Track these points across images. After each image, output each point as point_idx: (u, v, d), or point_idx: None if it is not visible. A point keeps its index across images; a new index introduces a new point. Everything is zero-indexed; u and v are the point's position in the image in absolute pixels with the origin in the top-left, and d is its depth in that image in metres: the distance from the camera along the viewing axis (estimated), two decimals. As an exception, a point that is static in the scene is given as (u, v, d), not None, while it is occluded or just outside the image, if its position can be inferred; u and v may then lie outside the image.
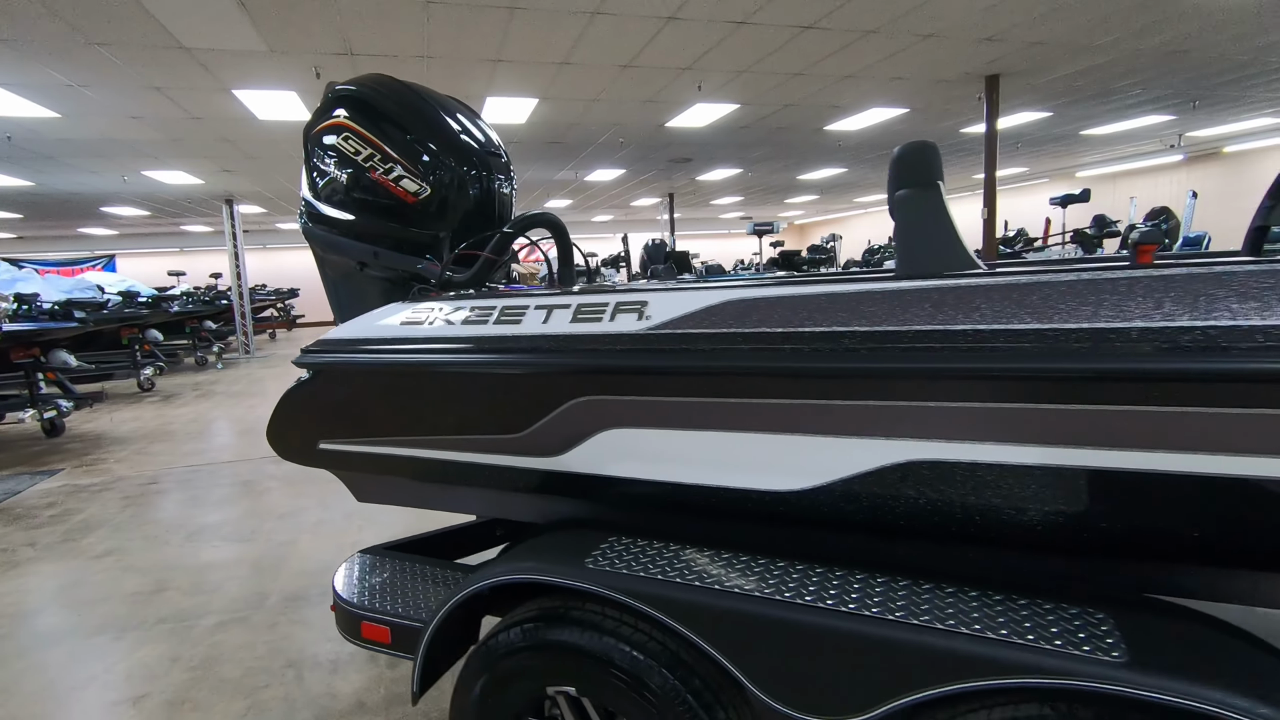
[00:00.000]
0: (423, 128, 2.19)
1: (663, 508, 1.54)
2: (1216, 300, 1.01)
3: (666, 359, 1.33)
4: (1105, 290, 1.09)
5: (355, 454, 1.86)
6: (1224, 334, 0.98)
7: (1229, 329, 0.98)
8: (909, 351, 1.16)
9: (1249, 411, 0.98)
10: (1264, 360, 0.94)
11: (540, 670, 1.39)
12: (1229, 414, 0.99)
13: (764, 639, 1.20)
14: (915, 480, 1.22)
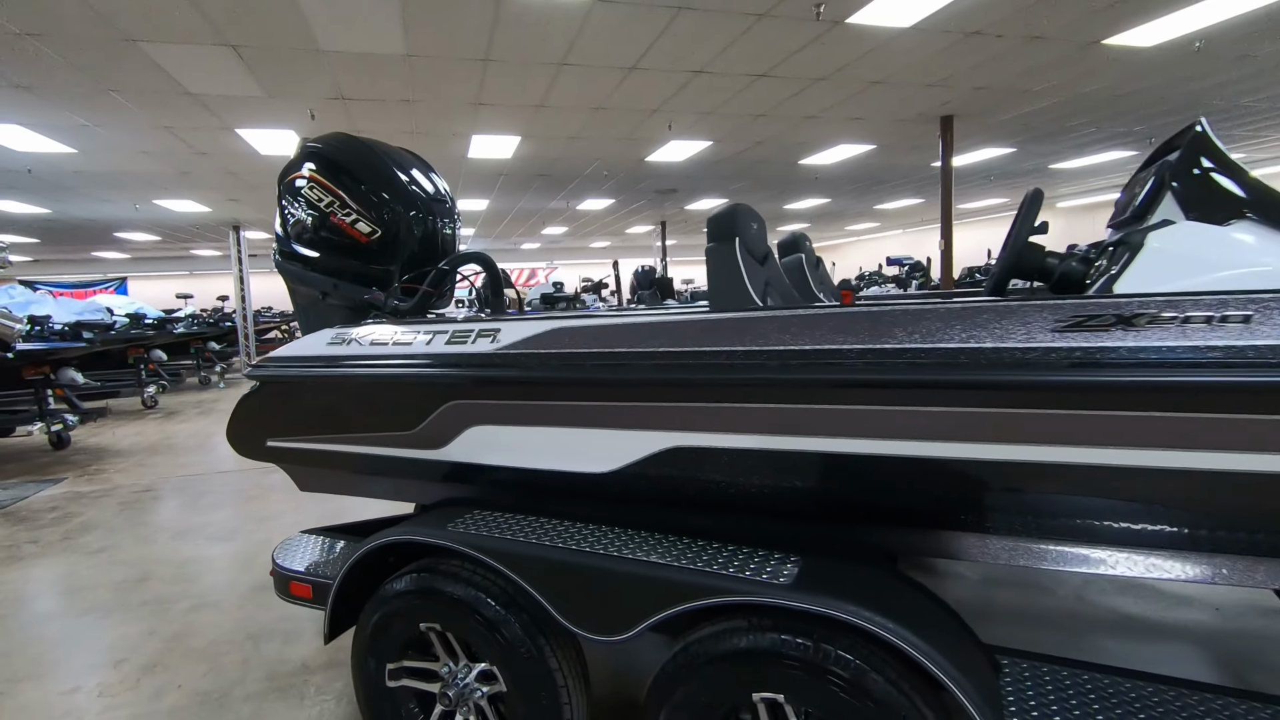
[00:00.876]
0: (375, 179, 2.66)
1: (515, 487, 1.97)
2: (860, 328, 1.44)
3: (508, 371, 1.78)
4: (807, 323, 1.52)
5: (295, 450, 2.30)
6: (875, 352, 1.39)
7: (879, 349, 1.39)
8: (671, 366, 1.60)
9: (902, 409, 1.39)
10: (904, 373, 1.35)
11: (414, 611, 1.81)
12: (888, 410, 1.40)
13: (564, 579, 1.63)
14: (679, 461, 1.65)
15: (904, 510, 1.56)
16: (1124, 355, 1.21)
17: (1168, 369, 1.18)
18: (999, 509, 1.46)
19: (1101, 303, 1.27)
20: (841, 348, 1.43)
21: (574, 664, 1.74)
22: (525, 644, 1.68)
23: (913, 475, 1.45)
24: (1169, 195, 1.58)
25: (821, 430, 1.47)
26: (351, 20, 5.02)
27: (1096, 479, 1.31)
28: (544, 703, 1.69)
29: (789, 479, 1.57)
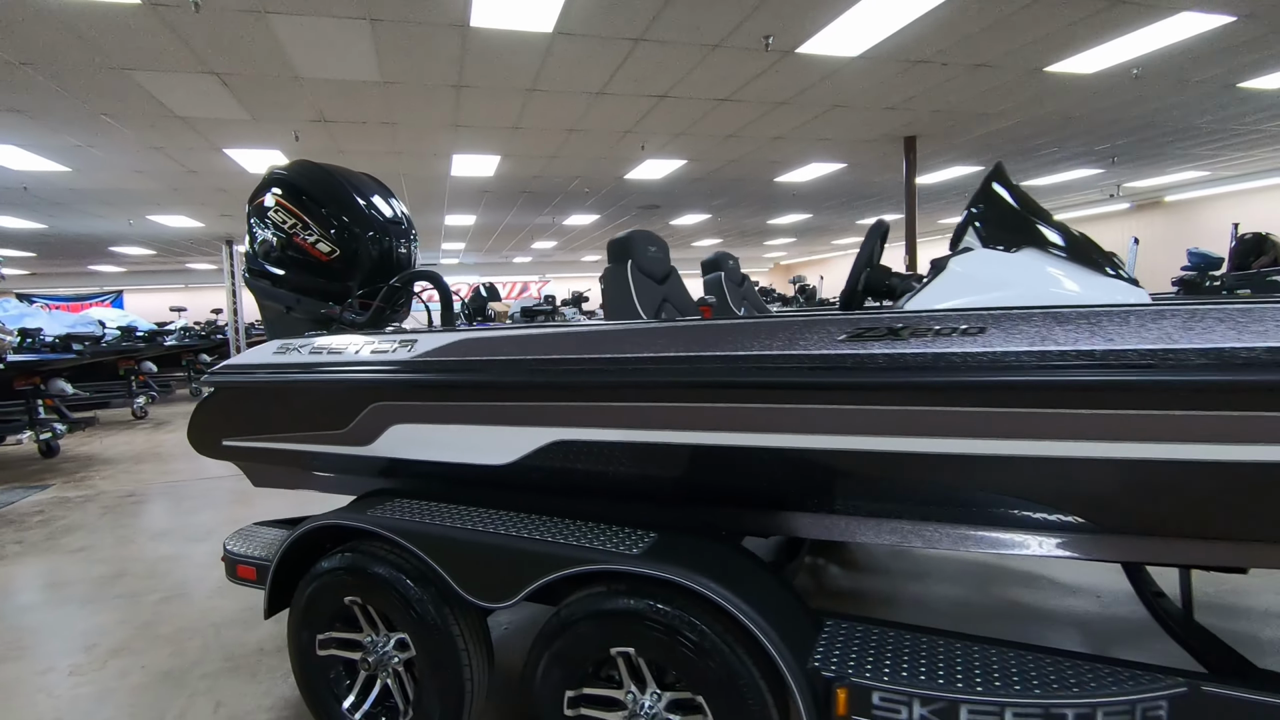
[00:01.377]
0: (335, 203, 2.93)
1: (432, 478, 2.24)
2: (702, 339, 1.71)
3: (420, 376, 2.05)
4: (660, 334, 1.79)
5: (246, 448, 2.57)
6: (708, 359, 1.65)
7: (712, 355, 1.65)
8: (551, 371, 1.87)
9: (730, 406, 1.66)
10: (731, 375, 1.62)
11: (339, 587, 2.07)
12: (720, 407, 1.67)
13: (461, 555, 1.89)
14: (562, 453, 1.91)
15: (741, 493, 1.83)
16: (888, 360, 1.48)
17: (922, 371, 1.46)
18: (816, 491, 1.73)
19: (878, 317, 1.55)
20: (683, 354, 1.70)
21: (476, 633, 1.99)
22: (432, 614, 1.94)
23: (745, 463, 1.72)
24: (971, 227, 1.86)
25: (671, 425, 1.75)
26: (326, 50, 5.33)
27: (882, 463, 1.58)
28: (447, 667, 1.94)
29: (649, 467, 1.84)
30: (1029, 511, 1.59)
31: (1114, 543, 1.60)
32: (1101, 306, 1.42)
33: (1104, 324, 1.39)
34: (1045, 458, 1.45)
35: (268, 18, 4.70)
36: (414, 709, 2.02)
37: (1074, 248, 1.80)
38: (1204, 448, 1.35)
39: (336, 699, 2.14)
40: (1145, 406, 1.36)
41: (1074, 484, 1.49)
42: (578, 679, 1.76)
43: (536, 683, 1.78)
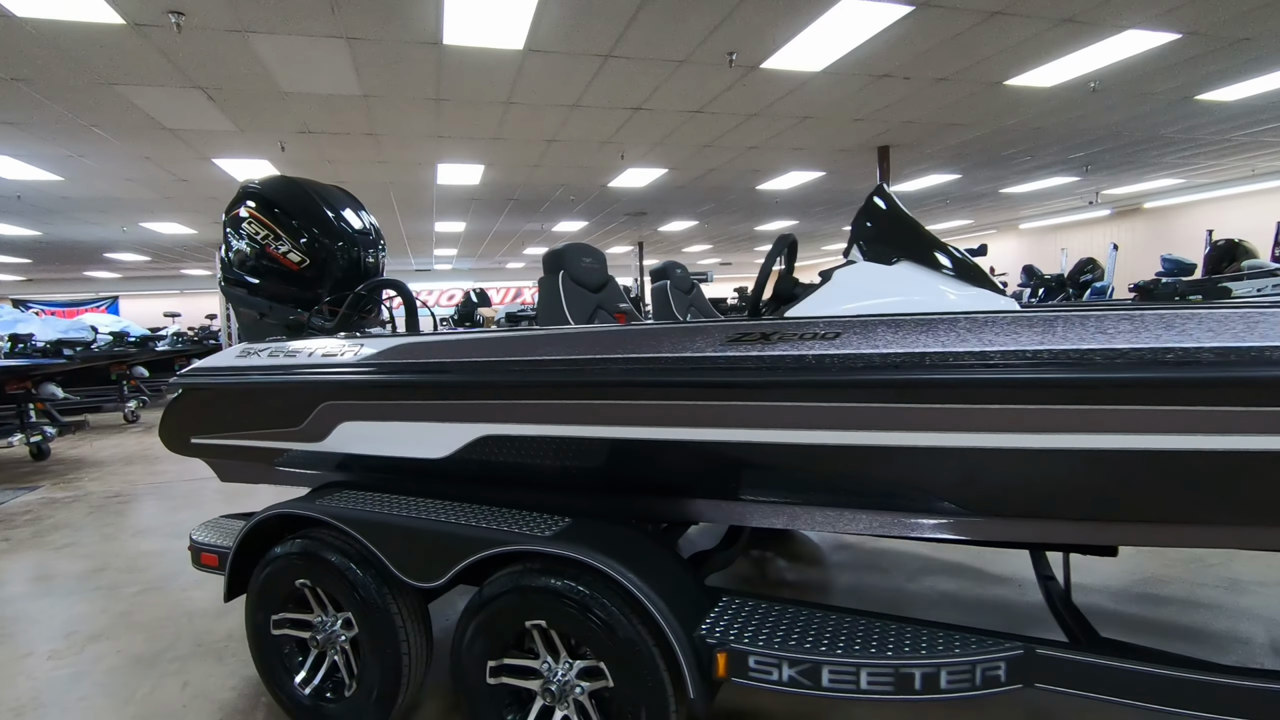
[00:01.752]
0: (305, 216, 3.13)
1: (377, 471, 2.43)
2: (608, 342, 1.91)
3: (364, 377, 2.25)
4: (572, 339, 1.99)
5: (212, 445, 2.76)
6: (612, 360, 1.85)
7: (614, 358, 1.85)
8: (477, 372, 2.06)
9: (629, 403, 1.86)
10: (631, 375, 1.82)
11: (291, 570, 2.26)
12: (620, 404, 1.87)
13: (398, 540, 2.08)
14: (490, 447, 2.11)
15: (644, 481, 2.02)
16: (757, 361, 1.69)
17: (787, 370, 1.66)
18: (708, 479, 1.93)
19: (756, 324, 1.75)
20: (586, 357, 1.90)
21: (415, 613, 2.18)
22: (373, 594, 2.13)
23: (644, 454, 1.92)
24: (855, 243, 2.06)
25: (580, 420, 1.95)
26: (306, 66, 5.54)
27: (759, 453, 1.78)
28: (386, 644, 2.12)
29: (563, 459, 2.04)
30: (893, 496, 1.79)
31: (980, 525, 1.80)
32: (934, 314, 1.62)
33: (937, 329, 1.59)
34: (894, 447, 1.65)
35: (248, 36, 4.91)
36: (357, 682, 2.20)
37: (947, 262, 2.00)
38: (1025, 437, 1.56)
39: (289, 674, 2.33)
40: (977, 402, 1.56)
41: (924, 471, 1.70)
42: (499, 650, 1.95)
43: (463, 655, 1.98)
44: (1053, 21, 5.29)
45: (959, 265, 2.00)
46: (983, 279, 1.99)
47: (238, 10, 4.50)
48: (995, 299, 1.92)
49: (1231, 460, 1.45)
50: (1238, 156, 11.08)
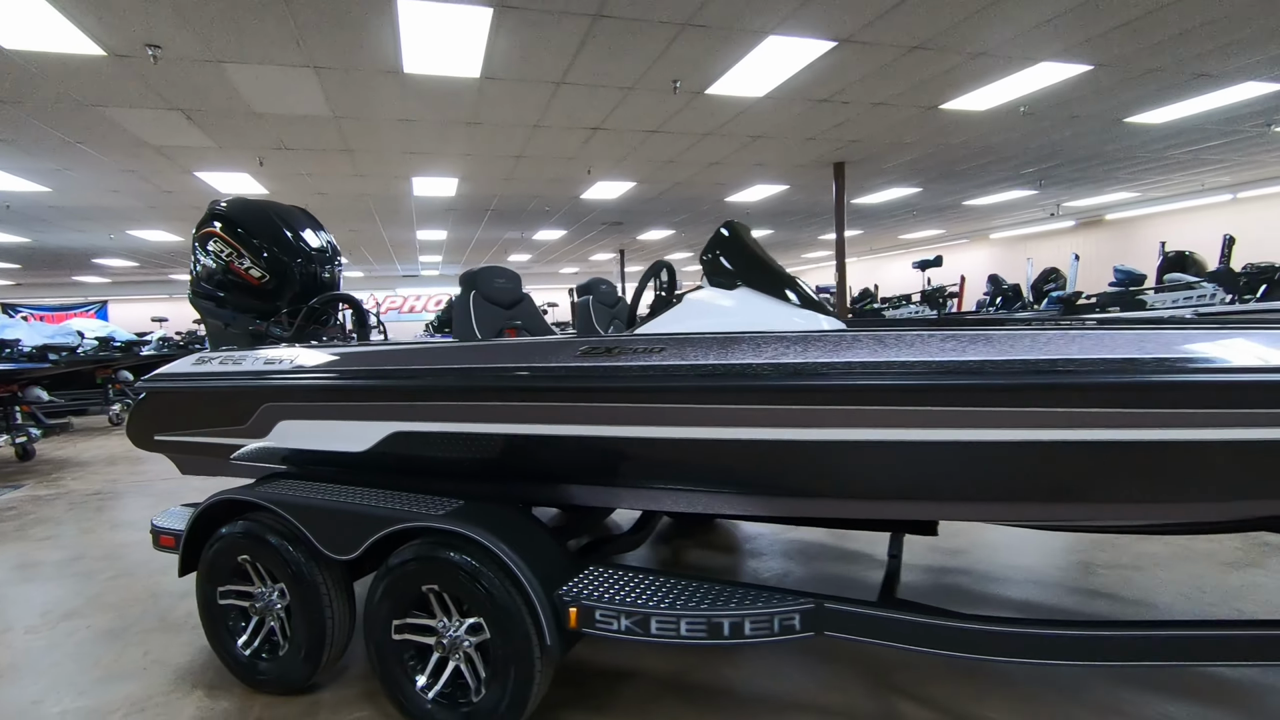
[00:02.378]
0: (266, 234, 3.50)
1: (312, 462, 2.82)
2: (489, 355, 2.31)
3: (300, 382, 2.63)
4: (464, 351, 2.38)
5: (173, 442, 3.13)
6: (491, 369, 2.25)
7: (494, 368, 2.26)
8: (388, 377, 2.45)
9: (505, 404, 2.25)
10: (505, 382, 2.22)
11: (233, 548, 2.63)
12: (498, 405, 2.27)
13: (321, 519, 2.46)
14: (400, 442, 2.50)
15: (523, 469, 2.42)
16: (601, 370, 2.08)
17: (622, 377, 2.06)
18: (568, 468, 2.32)
19: (603, 339, 2.15)
20: (469, 366, 2.30)
21: (339, 584, 2.56)
22: (302, 567, 2.50)
23: (519, 447, 2.31)
24: (703, 270, 2.47)
25: (468, 419, 2.34)
26: (278, 92, 5.93)
27: (602, 445, 2.18)
28: (313, 610, 2.50)
29: (458, 450, 2.43)
30: (705, 479, 2.20)
31: (775, 503, 2.20)
32: (737, 333, 2.03)
33: (740, 345, 2.00)
34: (705, 440, 2.05)
35: (222, 66, 5.30)
36: (290, 643, 2.58)
37: (780, 288, 2.40)
38: (794, 431, 1.96)
39: (233, 637, 2.70)
40: (764, 403, 1.96)
41: (722, 459, 2.10)
42: (402, 610, 2.33)
43: (372, 616, 2.36)
44: (969, 55, 5.73)
45: (796, 292, 2.41)
46: (814, 304, 2.39)
47: (210, 43, 4.88)
48: (820, 320, 2.32)
49: (997, 450, 1.84)
50: (1184, 172, 11.58)
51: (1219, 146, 9.67)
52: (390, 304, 28.83)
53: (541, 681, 2.16)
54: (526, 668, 2.13)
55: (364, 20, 4.63)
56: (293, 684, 2.60)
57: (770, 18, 4.88)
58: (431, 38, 4.95)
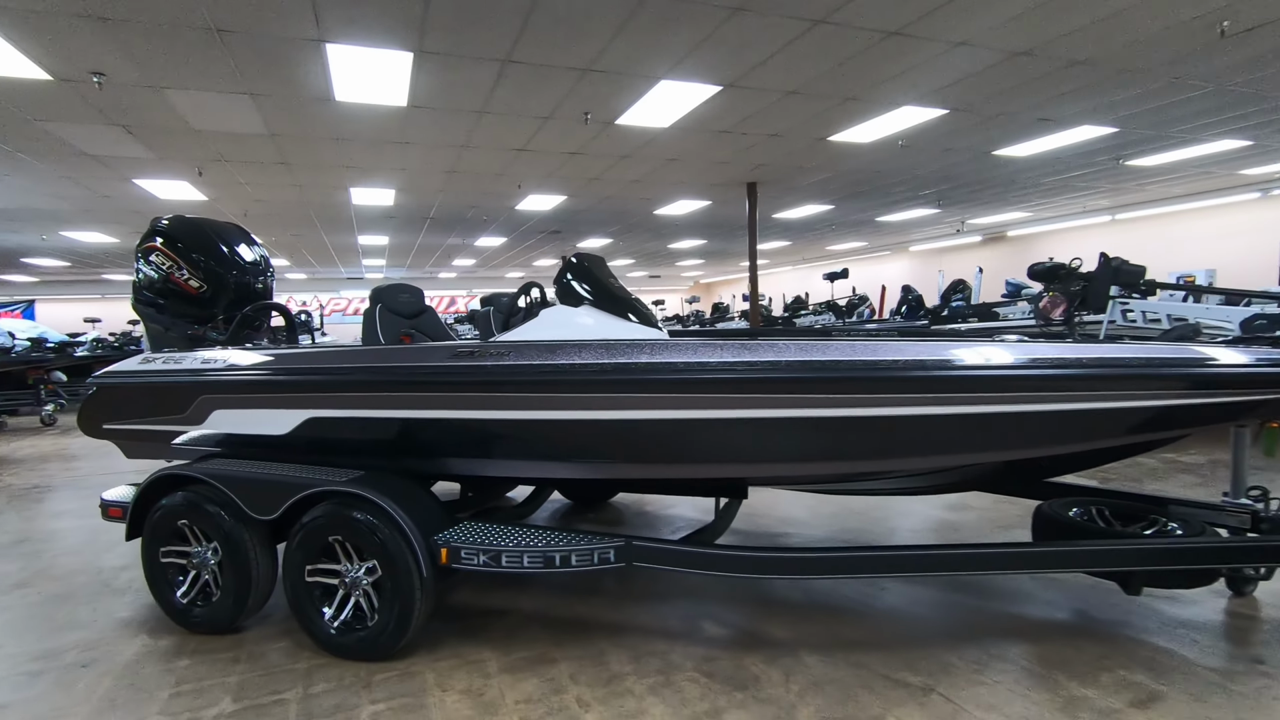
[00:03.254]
0: (203, 250, 4.04)
1: (242, 445, 3.41)
2: (384, 356, 2.96)
3: (231, 377, 3.22)
4: (364, 353, 3.03)
5: (120, 429, 3.67)
6: (385, 367, 2.91)
7: (387, 365, 2.91)
8: (305, 373, 3.07)
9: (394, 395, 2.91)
10: (394, 376, 2.88)
11: (174, 514, 3.20)
12: (388, 395, 2.92)
13: (247, 487, 3.06)
14: (316, 426, 3.12)
15: (408, 446, 3.08)
16: (461, 369, 2.76)
17: (480, 373, 2.74)
18: (448, 445, 2.99)
19: (469, 343, 2.83)
20: (366, 365, 2.95)
21: (263, 542, 3.15)
22: (231, 527, 3.09)
23: (402, 428, 2.97)
24: (556, 291, 3.17)
25: (365, 406, 2.99)
26: (218, 114, 6.41)
27: (468, 426, 2.86)
28: (240, 563, 3.09)
29: (361, 432, 3.07)
30: (545, 451, 2.90)
31: (598, 468, 2.92)
32: (565, 340, 2.74)
33: (567, 349, 2.71)
34: (541, 420, 2.76)
35: (163, 91, 5.77)
36: (221, 591, 3.17)
37: (617, 306, 3.12)
38: (592, 413, 2.68)
39: (172, 590, 3.27)
40: (579, 392, 2.67)
41: (552, 435, 2.80)
42: (313, 557, 2.95)
43: (289, 563, 2.97)
44: (840, 99, 6.61)
45: (630, 309, 3.13)
46: (646, 319, 3.12)
47: (152, 73, 5.36)
48: (645, 330, 3.05)
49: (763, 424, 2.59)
50: (1062, 196, 12.88)
51: (1083, 176, 10.91)
52: (334, 305, 28.77)
53: (421, 607, 2.82)
54: (409, 596, 2.79)
55: (296, 58, 5.19)
56: (223, 625, 3.18)
57: (660, 65, 5.63)
58: (359, 74, 5.53)
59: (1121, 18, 4.96)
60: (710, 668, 2.77)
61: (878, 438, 2.60)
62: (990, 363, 2.48)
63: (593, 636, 3.09)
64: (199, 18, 4.48)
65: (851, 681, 2.63)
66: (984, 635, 2.99)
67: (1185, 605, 3.20)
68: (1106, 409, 2.52)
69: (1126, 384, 2.47)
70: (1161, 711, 2.38)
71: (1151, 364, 2.47)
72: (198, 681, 2.80)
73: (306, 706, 2.58)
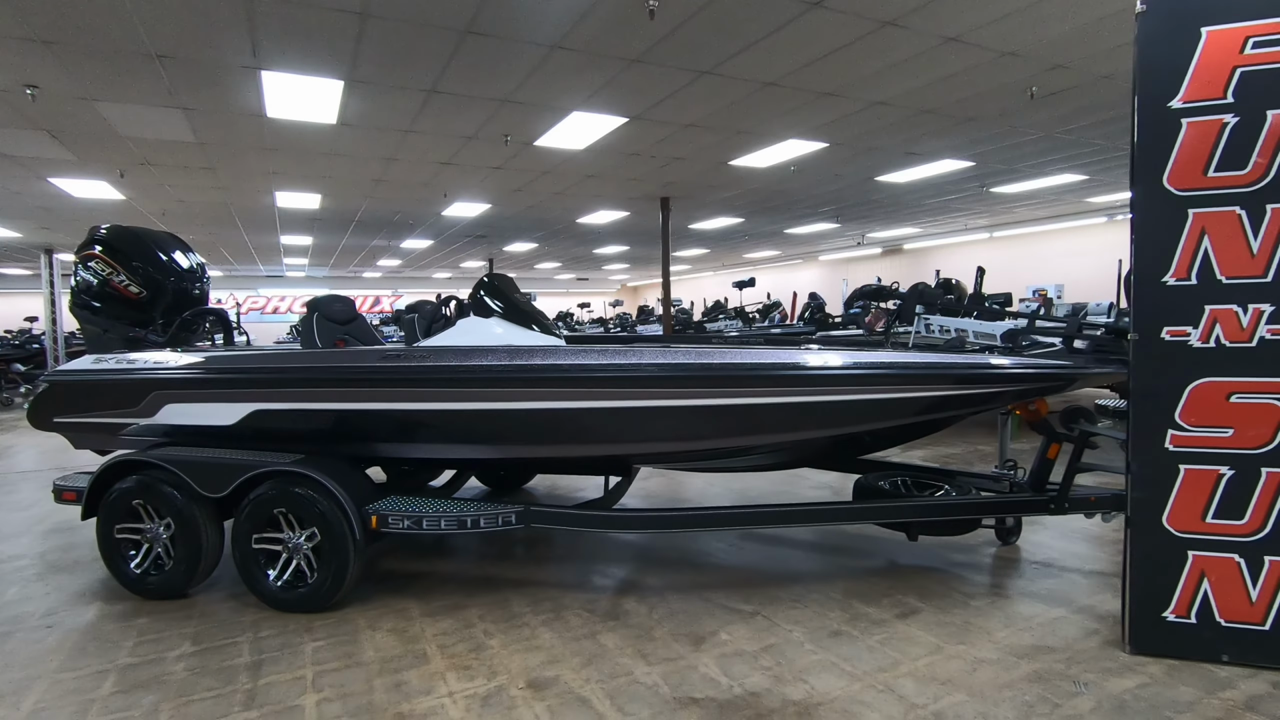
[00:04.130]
0: (142, 258, 4.45)
1: (192, 435, 3.90)
2: (322, 359, 3.55)
3: (182, 375, 3.72)
4: (301, 355, 3.60)
5: (71, 423, 4.07)
6: (324, 366, 3.50)
7: (326, 365, 3.50)
8: (250, 371, 3.61)
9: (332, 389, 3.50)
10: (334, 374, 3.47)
11: (129, 495, 3.67)
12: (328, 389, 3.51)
13: (198, 469, 3.57)
14: (261, 416, 3.66)
15: (342, 433, 3.67)
16: (388, 369, 3.39)
17: (405, 372, 3.38)
18: (375, 432, 3.61)
19: (397, 348, 3.46)
20: (307, 365, 3.53)
21: (211, 517, 3.65)
22: (183, 505, 3.59)
23: (336, 418, 3.57)
24: (473, 304, 3.82)
25: (304, 400, 3.56)
26: (147, 124, 6.67)
27: (399, 416, 3.49)
28: (191, 536, 3.60)
29: (299, 422, 3.64)
30: (458, 436, 3.56)
31: (503, 449, 3.61)
32: (476, 345, 3.41)
33: (479, 351, 3.38)
34: (452, 410, 3.41)
35: (94, 103, 6.03)
36: (173, 561, 3.66)
37: (522, 318, 3.80)
38: (498, 404, 3.37)
39: (127, 562, 3.72)
40: (486, 386, 3.35)
41: (467, 423, 3.47)
42: (259, 528, 3.50)
43: (237, 533, 3.51)
44: (733, 132, 7.49)
45: (534, 320, 3.82)
46: (546, 329, 3.81)
47: (85, 86, 5.65)
48: (545, 338, 3.74)
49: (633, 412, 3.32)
50: (944, 216, 14.35)
51: (957, 199, 12.29)
52: (252, 304, 27.99)
53: (355, 567, 3.42)
54: (344, 557, 3.39)
55: (230, 81, 5.61)
56: (176, 591, 3.68)
57: (571, 99, 6.33)
58: (291, 96, 5.98)
59: (952, 80, 6.01)
60: (592, 606, 3.49)
61: (716, 422, 3.39)
62: (825, 364, 3.30)
63: (499, 589, 3.76)
64: (139, 44, 4.87)
65: (699, 610, 3.41)
66: (808, 578, 3.84)
67: (965, 552, 4.16)
68: (905, 397, 3.37)
69: (920, 380, 3.32)
70: (917, 620, 3.26)
71: (937, 365, 3.35)
72: (157, 634, 3.31)
73: (258, 645, 3.15)
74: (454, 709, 2.60)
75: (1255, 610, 2.72)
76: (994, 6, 4.64)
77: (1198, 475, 2.76)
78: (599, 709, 2.57)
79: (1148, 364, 2.80)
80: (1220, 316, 2.70)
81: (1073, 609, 3.34)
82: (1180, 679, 2.68)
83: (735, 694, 2.65)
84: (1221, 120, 2.66)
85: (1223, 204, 2.68)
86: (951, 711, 2.50)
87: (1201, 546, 2.77)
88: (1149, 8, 2.74)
